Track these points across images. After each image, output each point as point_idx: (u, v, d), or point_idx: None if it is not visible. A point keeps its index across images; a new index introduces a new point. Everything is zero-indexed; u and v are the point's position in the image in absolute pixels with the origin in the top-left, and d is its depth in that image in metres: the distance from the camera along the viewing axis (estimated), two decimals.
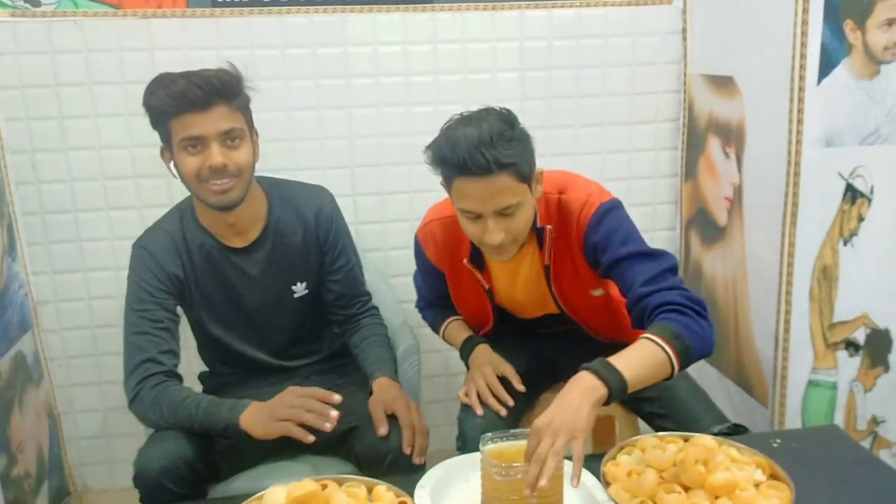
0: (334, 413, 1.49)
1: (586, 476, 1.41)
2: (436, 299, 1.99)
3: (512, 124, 1.54)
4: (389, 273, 2.42)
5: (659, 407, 1.79)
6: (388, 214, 2.45)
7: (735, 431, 1.65)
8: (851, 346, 2.06)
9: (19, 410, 2.08)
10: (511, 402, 1.74)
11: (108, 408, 2.46)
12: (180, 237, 1.75)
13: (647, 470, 1.40)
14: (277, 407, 1.54)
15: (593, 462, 1.46)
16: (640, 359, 1.43)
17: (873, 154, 1.94)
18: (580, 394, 1.36)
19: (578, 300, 1.80)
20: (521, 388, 1.76)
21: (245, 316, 1.82)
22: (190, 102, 1.56)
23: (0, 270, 2.05)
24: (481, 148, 1.46)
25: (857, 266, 2.00)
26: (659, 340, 1.44)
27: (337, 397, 1.55)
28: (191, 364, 2.04)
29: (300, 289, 1.85)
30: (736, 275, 2.26)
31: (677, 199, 2.61)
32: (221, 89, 1.59)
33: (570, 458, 1.38)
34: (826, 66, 1.86)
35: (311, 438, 1.50)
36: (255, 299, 1.80)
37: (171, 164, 1.67)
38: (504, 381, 1.78)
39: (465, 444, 1.71)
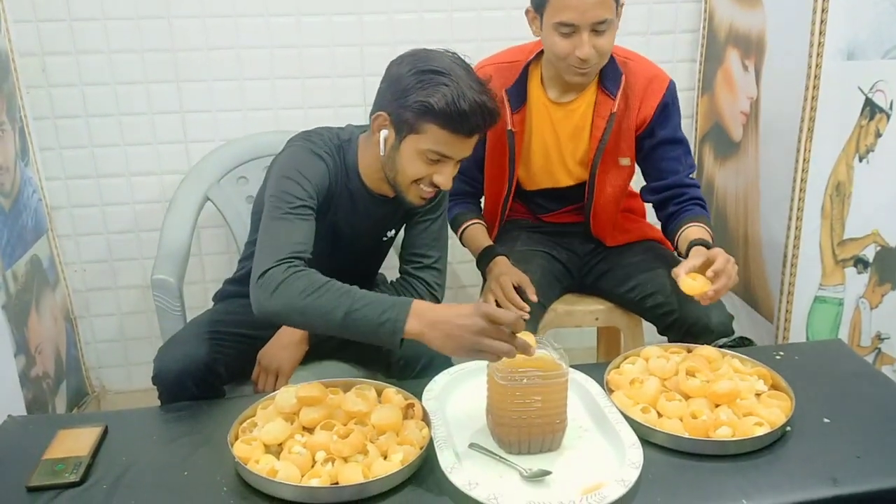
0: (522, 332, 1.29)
1: (590, 383, 1.45)
2: (469, 171, 1.97)
3: None
4: None
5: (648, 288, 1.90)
6: None
7: (740, 344, 1.67)
8: (860, 262, 2.07)
9: (36, 313, 2.13)
10: (528, 308, 1.78)
11: (125, 312, 2.51)
12: (334, 172, 1.63)
13: (649, 378, 1.43)
14: (474, 340, 1.25)
15: (597, 370, 1.49)
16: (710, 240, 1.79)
17: (895, 68, 1.90)
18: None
19: (609, 163, 1.89)
20: (534, 298, 1.80)
21: (340, 249, 1.74)
22: (470, 131, 1.47)
23: (14, 174, 2.06)
24: None
25: (871, 183, 1.99)
26: (710, 231, 1.80)
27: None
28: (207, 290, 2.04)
29: (390, 234, 1.81)
30: (748, 190, 2.25)
31: (693, 113, 2.57)
32: (494, 124, 1.52)
33: (573, 367, 1.41)
34: None
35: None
36: (359, 239, 1.75)
37: (383, 136, 1.53)
38: (519, 290, 1.81)
39: None
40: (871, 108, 1.93)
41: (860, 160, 1.97)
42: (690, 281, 1.59)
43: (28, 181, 2.16)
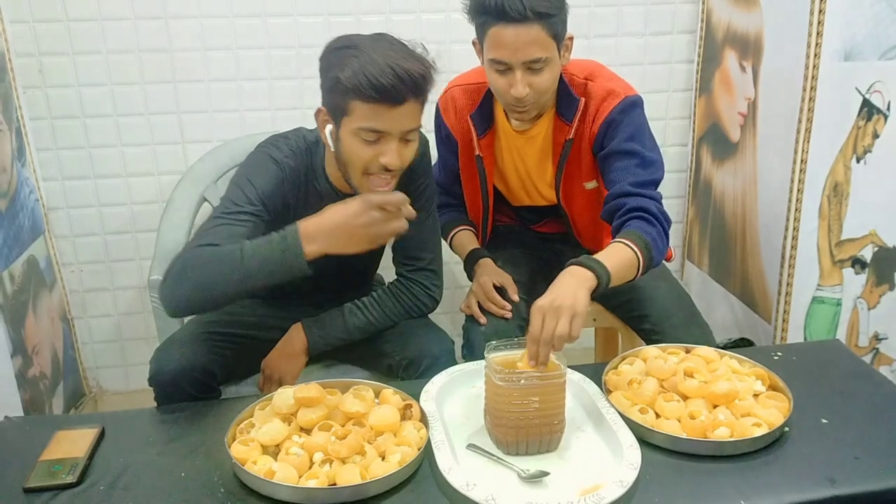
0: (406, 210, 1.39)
1: (588, 384, 1.44)
2: (449, 185, 1.98)
3: None
4: None
5: (635, 307, 1.85)
6: None
7: (740, 345, 1.67)
8: (858, 263, 2.07)
9: (33, 313, 2.12)
10: (508, 306, 1.77)
11: (122, 313, 2.51)
12: (301, 175, 1.63)
13: (647, 378, 1.42)
14: (374, 231, 1.39)
15: (595, 371, 1.49)
16: (618, 259, 1.52)
17: (892, 69, 1.90)
18: (575, 281, 1.43)
19: (574, 188, 1.85)
20: (515, 298, 1.79)
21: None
22: (390, 98, 1.40)
23: (10, 175, 2.06)
24: None
25: (869, 183, 1.99)
26: (634, 248, 1.54)
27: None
28: None
29: None
30: (746, 191, 2.25)
31: (691, 114, 2.57)
32: (421, 88, 1.44)
33: (571, 368, 1.41)
34: None
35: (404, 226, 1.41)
36: None
37: (328, 131, 1.52)
38: (502, 290, 1.81)
39: (472, 351, 1.75)
40: (868, 109, 1.93)
41: (858, 161, 1.97)
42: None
43: (25, 182, 2.16)
